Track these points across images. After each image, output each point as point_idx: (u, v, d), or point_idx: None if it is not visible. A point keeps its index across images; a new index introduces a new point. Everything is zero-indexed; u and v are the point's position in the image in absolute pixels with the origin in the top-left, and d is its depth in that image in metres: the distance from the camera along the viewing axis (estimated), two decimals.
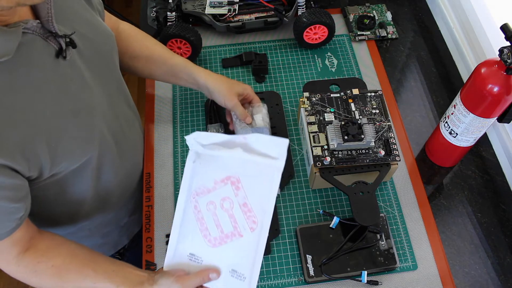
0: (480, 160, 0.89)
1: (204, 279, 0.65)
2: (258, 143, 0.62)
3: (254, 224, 0.63)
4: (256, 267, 0.63)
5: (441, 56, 1.03)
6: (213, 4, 1.00)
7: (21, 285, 1.62)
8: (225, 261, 0.65)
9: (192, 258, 0.67)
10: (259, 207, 0.63)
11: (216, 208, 0.65)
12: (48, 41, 0.58)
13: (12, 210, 0.59)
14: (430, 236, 0.80)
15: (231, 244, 0.64)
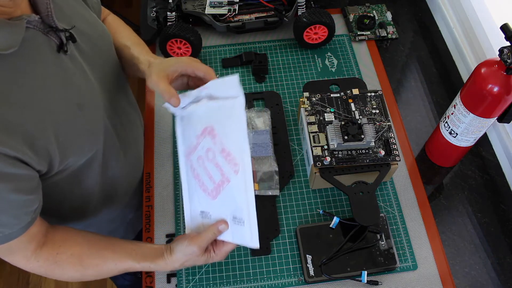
0: (480, 160, 0.89)
1: (215, 233, 0.66)
2: (217, 89, 0.65)
3: (236, 166, 0.63)
4: (251, 209, 0.64)
5: (441, 56, 1.03)
6: (213, 4, 1.00)
7: (21, 284, 1.63)
8: (226, 210, 0.66)
9: (203, 216, 0.69)
10: (236, 148, 0.63)
11: (204, 161, 0.66)
12: (49, 36, 0.59)
13: (27, 203, 0.59)
14: (430, 236, 0.80)
15: (224, 192, 0.65)
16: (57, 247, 0.66)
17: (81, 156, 0.66)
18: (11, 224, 0.58)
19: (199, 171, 0.68)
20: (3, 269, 1.66)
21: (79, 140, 0.64)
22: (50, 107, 0.58)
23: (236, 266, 0.77)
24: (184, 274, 0.76)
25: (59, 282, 1.64)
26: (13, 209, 0.57)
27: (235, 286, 0.75)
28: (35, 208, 0.61)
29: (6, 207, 0.56)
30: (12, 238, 0.59)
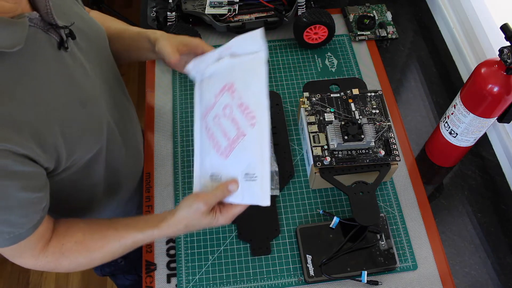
0: (480, 160, 0.89)
1: (224, 192, 0.64)
2: (239, 46, 0.65)
3: (253, 119, 0.62)
4: (266, 163, 0.62)
5: (441, 56, 1.03)
6: (213, 4, 1.00)
7: (21, 284, 1.63)
8: (238, 169, 0.64)
9: (213, 178, 0.67)
10: (254, 102, 0.63)
11: (220, 119, 0.66)
12: (49, 34, 0.59)
13: (36, 201, 0.59)
14: (430, 236, 0.80)
15: (238, 148, 0.64)
16: (62, 238, 0.66)
17: (86, 152, 0.67)
18: (21, 223, 0.58)
19: (214, 130, 0.66)
20: (3, 269, 1.66)
21: (84, 136, 0.65)
22: (54, 104, 0.59)
23: (236, 266, 0.77)
24: (184, 274, 0.76)
25: (59, 282, 1.64)
26: (22, 208, 0.57)
27: (235, 286, 0.75)
28: (44, 206, 0.61)
29: (16, 205, 0.56)
30: (22, 238, 0.59)
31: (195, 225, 0.66)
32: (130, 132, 0.82)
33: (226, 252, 0.78)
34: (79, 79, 0.63)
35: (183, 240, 0.79)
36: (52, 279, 1.64)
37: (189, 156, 0.88)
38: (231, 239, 0.79)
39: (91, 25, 0.71)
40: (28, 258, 0.64)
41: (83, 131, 0.64)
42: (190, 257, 0.77)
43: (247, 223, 0.80)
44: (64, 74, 0.61)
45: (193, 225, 0.66)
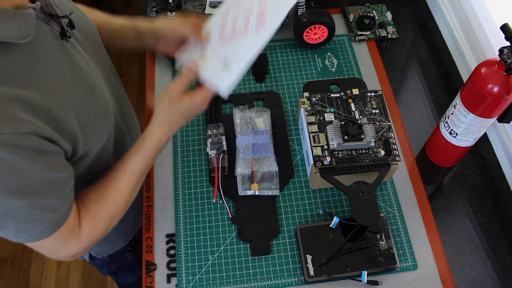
0: (480, 160, 0.89)
1: (188, 74, 0.68)
2: None
3: (262, 27, 0.68)
4: (243, 65, 0.68)
5: (441, 56, 1.03)
6: (213, 4, 1.00)
7: (21, 284, 1.63)
8: (223, 54, 0.69)
9: (200, 52, 0.73)
10: (272, 15, 0.68)
11: (238, 15, 0.71)
12: (50, 25, 0.59)
13: (65, 180, 0.60)
14: (430, 236, 0.80)
15: (235, 41, 0.70)
16: (84, 206, 0.66)
17: (100, 139, 0.67)
18: (58, 206, 0.59)
19: (228, 20, 0.72)
20: (3, 269, 1.66)
21: (97, 123, 0.65)
22: (66, 92, 0.59)
23: (236, 266, 0.77)
24: (184, 274, 0.76)
25: (59, 282, 1.64)
26: (56, 189, 0.58)
27: (235, 286, 0.75)
28: (72, 186, 0.62)
29: (50, 188, 0.57)
30: (63, 222, 0.60)
31: (176, 114, 0.68)
32: (130, 121, 0.84)
33: (226, 252, 0.78)
34: (83, 68, 0.64)
35: (183, 240, 0.79)
36: (52, 279, 1.64)
37: (189, 156, 0.88)
38: (231, 239, 0.79)
39: (84, 18, 0.72)
40: (73, 240, 0.64)
41: (95, 117, 0.65)
42: (190, 257, 0.77)
43: (247, 223, 0.80)
44: (70, 63, 0.62)
45: (174, 114, 0.68)
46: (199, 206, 0.82)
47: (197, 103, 0.68)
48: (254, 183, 0.82)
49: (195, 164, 0.87)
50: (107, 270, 1.06)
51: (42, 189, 0.56)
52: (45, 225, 0.58)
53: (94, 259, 1.00)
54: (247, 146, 0.85)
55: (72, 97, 0.60)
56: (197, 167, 0.86)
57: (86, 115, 0.62)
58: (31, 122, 0.52)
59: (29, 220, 0.57)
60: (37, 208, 0.56)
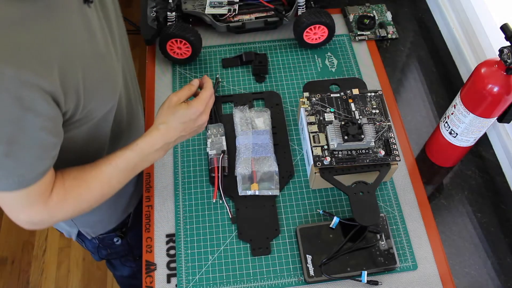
0: (480, 160, 0.89)
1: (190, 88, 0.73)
2: None
3: None
4: None
5: (441, 56, 1.03)
6: (213, 4, 1.00)
7: (21, 284, 1.63)
8: None
9: None
10: None
11: None
12: None
13: (51, 145, 0.60)
14: (430, 236, 0.80)
15: None
16: (62, 178, 0.66)
17: (101, 106, 0.68)
18: (34, 166, 0.58)
19: None
20: (3, 269, 1.66)
21: (102, 87, 0.66)
22: (78, 50, 0.60)
23: (236, 266, 0.77)
24: (184, 274, 0.76)
25: (59, 282, 1.64)
26: (39, 149, 0.58)
27: (235, 286, 0.75)
28: (55, 154, 0.62)
29: (33, 145, 0.57)
30: (32, 183, 0.59)
31: (174, 119, 0.70)
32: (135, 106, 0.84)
33: (226, 252, 0.78)
34: (99, 34, 0.65)
35: (183, 240, 0.79)
36: (52, 279, 1.64)
37: (189, 156, 0.88)
38: (231, 239, 0.79)
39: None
40: (38, 206, 0.63)
41: (101, 82, 0.65)
42: (190, 257, 0.77)
43: (247, 223, 0.80)
44: (87, 27, 0.62)
45: (171, 119, 0.70)
46: (199, 206, 0.82)
47: (194, 109, 0.70)
48: (254, 183, 0.82)
49: (195, 164, 0.87)
50: (97, 256, 1.07)
51: (24, 143, 0.56)
52: (13, 179, 0.58)
53: (85, 240, 0.99)
54: (247, 146, 0.85)
55: (83, 56, 0.61)
56: (197, 167, 0.86)
57: (93, 77, 0.63)
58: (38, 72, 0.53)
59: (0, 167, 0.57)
60: (11, 159, 0.56)
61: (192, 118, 0.71)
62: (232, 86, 0.97)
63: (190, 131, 0.73)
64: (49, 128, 0.58)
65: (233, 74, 0.98)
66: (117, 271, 1.19)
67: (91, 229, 0.95)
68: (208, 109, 0.73)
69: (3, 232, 1.73)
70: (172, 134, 0.71)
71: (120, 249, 1.04)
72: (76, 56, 0.60)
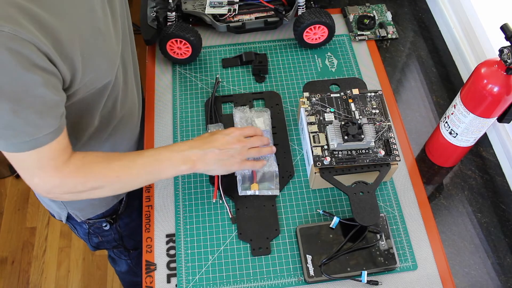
0: (480, 160, 0.89)
1: None
2: None
3: None
4: None
5: (441, 56, 1.03)
6: (213, 4, 1.00)
7: (21, 284, 1.63)
8: None
9: None
10: None
11: None
12: None
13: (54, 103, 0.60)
14: (430, 236, 0.80)
15: None
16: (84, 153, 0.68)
17: (98, 79, 0.68)
18: (40, 125, 0.59)
19: None
20: (3, 269, 1.66)
21: (99, 61, 0.66)
22: (78, 23, 0.60)
23: (236, 266, 0.77)
24: (184, 274, 0.76)
25: (59, 282, 1.64)
26: (42, 107, 0.58)
27: (235, 286, 0.75)
28: (62, 112, 0.62)
29: (36, 103, 0.57)
30: (43, 144, 0.60)
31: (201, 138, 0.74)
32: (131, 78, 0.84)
33: (226, 252, 0.78)
34: (99, 11, 0.65)
35: (183, 240, 0.79)
36: (52, 279, 1.64)
37: None
38: (231, 239, 0.79)
39: None
40: (49, 170, 0.64)
41: (99, 56, 0.66)
42: (190, 257, 0.77)
43: (247, 223, 0.80)
44: (89, 3, 0.63)
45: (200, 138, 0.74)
46: (199, 206, 0.82)
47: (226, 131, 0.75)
48: (254, 183, 0.82)
49: None
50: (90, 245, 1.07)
51: (29, 101, 0.56)
52: (23, 139, 0.59)
53: (75, 225, 1.00)
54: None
55: (82, 28, 0.61)
56: None
57: (91, 50, 0.63)
58: (34, 33, 0.53)
59: (9, 127, 0.57)
60: (19, 117, 0.56)
61: (222, 131, 0.75)
62: (232, 86, 0.97)
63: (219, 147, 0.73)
64: (51, 85, 0.58)
65: (233, 74, 0.98)
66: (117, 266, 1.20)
67: (80, 212, 0.94)
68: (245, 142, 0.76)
69: (3, 232, 1.73)
70: (200, 142, 0.73)
71: (110, 237, 1.04)
72: (74, 27, 0.60)
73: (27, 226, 1.74)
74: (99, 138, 0.81)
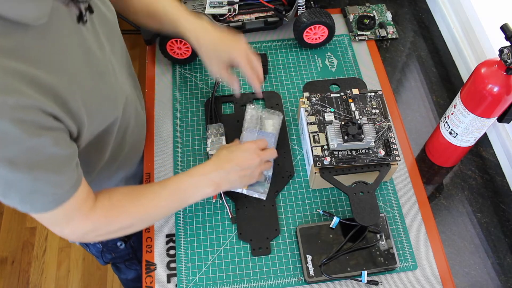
0: (480, 160, 0.89)
1: None
2: None
3: None
4: None
5: (441, 56, 1.03)
6: (213, 4, 1.00)
7: (21, 284, 1.63)
8: None
9: None
10: None
11: None
12: (69, 7, 0.59)
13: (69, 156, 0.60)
14: (430, 236, 0.80)
15: None
16: (108, 193, 0.68)
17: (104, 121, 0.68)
18: (61, 182, 0.59)
19: None
20: (3, 269, 1.66)
21: (104, 105, 0.66)
22: (76, 74, 0.60)
23: (236, 266, 0.77)
24: (184, 274, 0.76)
25: (59, 282, 1.64)
26: (58, 165, 0.58)
27: (235, 286, 0.75)
28: (76, 162, 0.62)
29: (52, 162, 0.57)
30: (67, 199, 0.60)
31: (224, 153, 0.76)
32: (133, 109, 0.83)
33: (226, 252, 0.78)
34: (96, 52, 0.64)
35: (183, 240, 0.79)
36: (52, 279, 1.64)
37: (189, 156, 0.88)
38: (231, 239, 0.79)
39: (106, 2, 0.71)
40: (79, 220, 0.64)
41: (103, 101, 0.65)
42: (190, 257, 0.77)
43: (247, 223, 0.80)
44: (83, 46, 0.62)
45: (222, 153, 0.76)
46: (199, 206, 0.82)
47: (243, 147, 0.76)
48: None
49: (195, 164, 0.87)
50: (102, 260, 1.07)
51: (44, 163, 0.56)
52: (48, 199, 0.59)
53: (88, 244, 1.00)
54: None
55: (81, 79, 0.61)
56: None
57: (94, 98, 0.63)
58: (36, 97, 0.53)
59: (33, 192, 0.57)
60: (40, 181, 0.57)
61: (239, 148, 0.76)
62: None
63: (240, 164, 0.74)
64: (61, 141, 0.58)
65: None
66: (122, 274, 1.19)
67: None
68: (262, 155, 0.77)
69: (3, 232, 1.73)
70: (220, 162, 0.74)
71: (124, 252, 1.04)
72: (74, 80, 0.59)
73: (27, 226, 1.74)
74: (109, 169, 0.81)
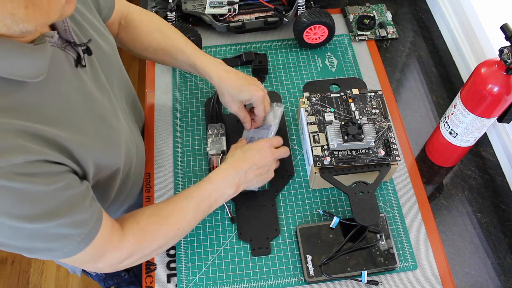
0: (480, 160, 0.89)
1: None
2: None
3: None
4: None
5: (441, 56, 1.03)
6: (213, 4, 1.00)
7: (21, 285, 1.63)
8: None
9: None
10: None
11: None
12: (67, 51, 0.58)
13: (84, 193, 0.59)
14: (430, 236, 0.80)
15: None
16: (133, 219, 0.67)
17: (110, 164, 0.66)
18: (86, 219, 0.58)
19: None
20: (3, 269, 1.66)
21: (108, 151, 0.64)
22: (78, 122, 0.59)
23: (236, 266, 0.77)
24: (184, 274, 0.76)
25: (59, 282, 1.64)
26: (78, 204, 0.57)
27: (235, 286, 0.75)
28: (92, 195, 0.61)
29: (71, 205, 0.56)
30: (95, 235, 0.59)
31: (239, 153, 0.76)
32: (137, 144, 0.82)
33: (226, 252, 0.78)
34: (96, 94, 0.63)
35: (183, 240, 0.79)
36: (52, 279, 1.64)
37: (189, 156, 0.88)
38: (231, 239, 0.79)
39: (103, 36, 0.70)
40: (112, 252, 0.64)
41: (106, 145, 0.64)
42: (190, 257, 0.77)
43: (247, 223, 0.80)
44: (82, 91, 0.60)
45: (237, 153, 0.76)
46: None
47: (257, 146, 0.77)
48: None
49: (195, 164, 0.87)
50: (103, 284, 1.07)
51: (64, 208, 0.55)
52: (77, 240, 0.58)
53: (91, 273, 1.00)
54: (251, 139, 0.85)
55: (82, 126, 0.59)
56: (197, 167, 0.86)
57: (97, 143, 0.61)
58: (41, 151, 0.52)
59: (59, 238, 0.56)
60: (65, 226, 0.56)
61: (253, 147, 0.77)
62: None
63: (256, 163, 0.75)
64: (72, 183, 0.57)
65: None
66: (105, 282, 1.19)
67: None
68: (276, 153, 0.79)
69: None
70: (239, 163, 0.75)
71: (126, 278, 1.04)
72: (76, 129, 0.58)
73: None
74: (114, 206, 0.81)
